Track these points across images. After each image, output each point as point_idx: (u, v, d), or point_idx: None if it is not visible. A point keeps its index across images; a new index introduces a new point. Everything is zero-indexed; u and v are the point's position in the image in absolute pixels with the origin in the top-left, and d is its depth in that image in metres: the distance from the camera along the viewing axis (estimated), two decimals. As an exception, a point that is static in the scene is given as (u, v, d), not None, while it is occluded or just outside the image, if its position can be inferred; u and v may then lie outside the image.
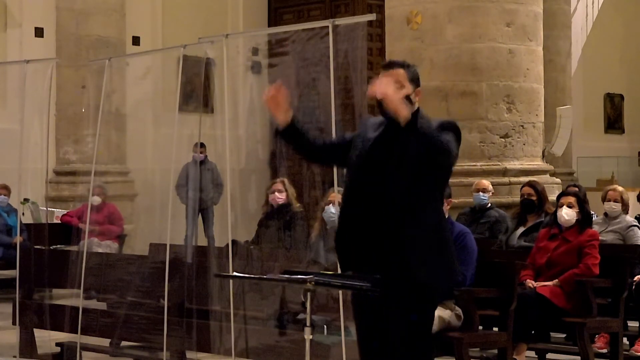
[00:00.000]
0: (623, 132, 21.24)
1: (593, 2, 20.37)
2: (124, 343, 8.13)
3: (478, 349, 7.78)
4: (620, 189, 9.26)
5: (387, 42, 11.08)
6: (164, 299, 7.25)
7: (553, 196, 9.66)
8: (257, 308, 7.07)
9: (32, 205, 13.17)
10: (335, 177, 6.34)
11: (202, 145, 12.67)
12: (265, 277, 4.73)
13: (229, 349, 6.79)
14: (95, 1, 14.67)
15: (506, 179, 10.53)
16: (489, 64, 10.52)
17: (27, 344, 8.32)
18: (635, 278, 8.09)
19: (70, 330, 7.96)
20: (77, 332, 7.82)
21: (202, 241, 12.69)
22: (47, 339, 8.36)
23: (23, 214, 12.21)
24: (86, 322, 7.79)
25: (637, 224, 8.97)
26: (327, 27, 6.20)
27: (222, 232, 9.79)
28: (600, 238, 7.97)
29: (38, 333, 8.41)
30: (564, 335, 8.36)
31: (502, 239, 9.11)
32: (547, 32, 13.04)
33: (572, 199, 7.79)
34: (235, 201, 7.79)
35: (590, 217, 7.95)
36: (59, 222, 12.86)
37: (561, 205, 7.78)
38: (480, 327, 7.11)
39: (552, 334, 8.27)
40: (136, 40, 15.76)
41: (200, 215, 13.03)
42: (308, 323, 4.38)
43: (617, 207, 9.02)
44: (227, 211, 7.57)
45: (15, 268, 8.51)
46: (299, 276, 4.39)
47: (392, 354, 4.61)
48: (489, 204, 9.95)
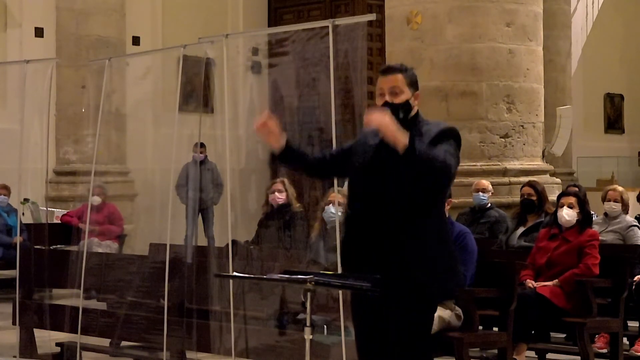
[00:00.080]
0: (623, 132, 21.24)
1: (593, 2, 20.36)
2: (124, 343, 8.13)
3: (478, 349, 7.78)
4: (620, 189, 9.26)
5: (387, 42, 11.07)
6: (164, 299, 7.25)
7: (553, 196, 9.65)
8: (257, 308, 7.06)
9: (32, 205, 13.17)
10: (335, 177, 6.35)
11: (202, 145, 12.67)
12: (265, 277, 4.72)
13: (229, 349, 6.78)
14: (95, 1, 14.67)
15: (506, 179, 10.53)
16: (489, 64, 10.52)
17: (27, 344, 8.31)
18: (635, 278, 8.09)
19: (70, 330, 7.96)
20: (77, 332, 7.82)
21: (202, 241, 12.69)
22: (47, 339, 8.36)
23: (23, 214, 12.21)
24: (86, 322, 7.79)
25: (637, 224, 8.97)
26: (327, 27, 6.19)
27: (222, 232, 9.79)
28: (600, 238, 7.97)
29: (38, 333, 8.41)
30: (564, 335, 8.36)
31: (502, 239, 9.11)
32: (547, 32, 13.04)
33: (573, 200, 7.79)
34: (235, 201, 7.78)
35: (590, 218, 7.94)
36: (59, 222, 12.86)
37: (562, 205, 7.78)
38: (480, 327, 7.11)
39: (552, 334, 8.27)
40: (136, 40, 15.76)
41: (200, 215, 13.02)
42: (308, 323, 4.38)
43: (617, 207, 9.02)
44: (227, 211, 7.56)
45: (15, 268, 8.51)
46: (299, 276, 4.39)
47: (392, 354, 4.61)
48: (489, 204, 9.95)
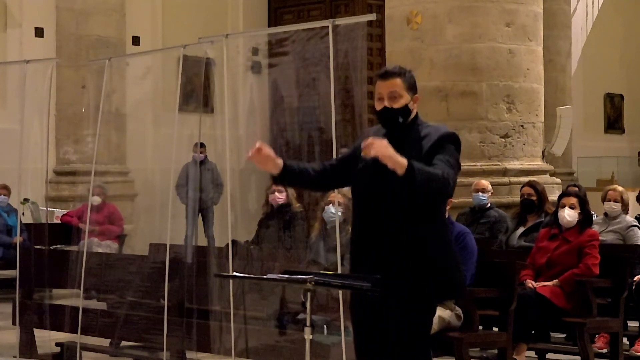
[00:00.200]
0: (623, 132, 21.23)
1: (593, 2, 20.36)
2: (124, 343, 8.13)
3: (478, 349, 7.78)
4: (620, 189, 9.26)
5: (387, 42, 11.07)
6: (164, 299, 7.25)
7: (553, 196, 9.65)
8: (257, 308, 7.07)
9: (32, 205, 13.17)
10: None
11: (202, 145, 12.67)
12: (265, 277, 4.72)
13: (229, 349, 6.78)
14: (95, 1, 14.67)
15: (506, 179, 10.52)
16: (489, 64, 10.52)
17: (27, 344, 8.31)
18: (635, 278, 8.09)
19: (70, 330, 7.96)
20: (77, 332, 7.82)
21: (202, 241, 12.69)
22: (47, 339, 8.36)
23: (23, 214, 12.21)
24: (86, 322, 7.79)
25: (637, 224, 8.97)
26: (327, 27, 6.19)
27: (222, 232, 9.79)
28: (600, 238, 7.97)
29: (38, 333, 8.41)
30: (564, 335, 8.37)
31: (502, 239, 9.11)
32: (547, 32, 13.04)
33: (574, 200, 7.78)
34: (235, 201, 7.78)
35: (591, 218, 7.94)
36: (59, 222, 12.86)
37: (563, 206, 7.78)
38: (480, 327, 7.11)
39: (552, 334, 8.27)
40: (136, 40, 15.76)
41: (200, 215, 13.02)
42: (308, 323, 4.38)
43: (617, 207, 9.02)
44: (227, 211, 7.56)
45: (15, 268, 8.51)
46: (299, 276, 4.39)
47: (392, 355, 4.61)
48: (489, 204, 9.94)
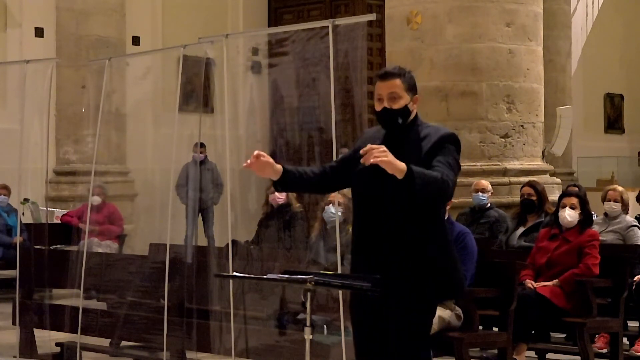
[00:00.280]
0: (623, 132, 21.24)
1: (593, 2, 20.36)
2: (124, 343, 8.13)
3: (478, 349, 7.78)
4: (620, 189, 9.26)
5: (387, 42, 11.07)
6: (164, 299, 7.25)
7: (553, 196, 9.65)
8: (257, 308, 7.07)
9: (32, 205, 13.17)
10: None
11: (202, 145, 12.66)
12: (265, 277, 4.72)
13: (229, 349, 6.78)
14: (95, 1, 14.67)
15: (506, 179, 10.52)
16: (489, 64, 10.51)
17: (27, 344, 8.31)
18: (635, 278, 8.09)
19: (70, 330, 7.96)
20: (77, 332, 7.82)
21: (202, 241, 12.68)
22: (47, 339, 8.36)
23: (23, 214, 12.21)
24: (86, 322, 7.79)
25: (637, 224, 8.97)
26: (327, 27, 6.19)
27: (222, 232, 9.79)
28: (600, 238, 7.97)
29: (38, 333, 8.41)
30: (564, 335, 8.37)
31: (502, 239, 9.11)
32: (547, 32, 13.04)
33: (575, 200, 7.78)
34: (235, 201, 7.78)
35: (591, 218, 7.94)
36: (59, 222, 12.86)
37: (563, 206, 7.77)
38: (480, 327, 7.11)
39: (552, 334, 8.27)
40: (136, 40, 15.76)
41: (200, 215, 13.02)
42: (308, 323, 4.38)
43: (617, 207, 9.02)
44: (227, 211, 7.56)
45: (15, 268, 8.51)
46: (299, 276, 4.39)
47: (391, 355, 4.61)
48: (489, 204, 9.94)
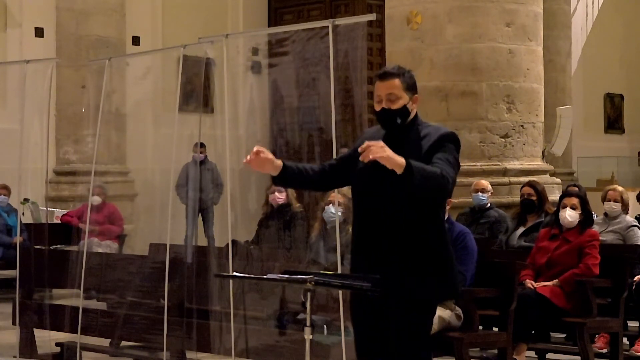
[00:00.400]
0: (623, 132, 21.24)
1: (593, 2, 20.37)
2: (124, 343, 8.13)
3: (478, 349, 7.78)
4: (620, 189, 9.26)
5: (387, 42, 11.07)
6: (164, 299, 7.25)
7: (553, 196, 9.65)
8: (257, 308, 7.07)
9: (32, 205, 13.17)
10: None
11: (202, 145, 12.66)
12: (265, 277, 4.72)
13: (229, 349, 6.78)
14: (95, 1, 14.68)
15: (506, 179, 10.52)
16: (489, 64, 10.52)
17: (27, 344, 8.31)
18: (635, 278, 8.09)
19: (70, 330, 7.96)
20: (77, 332, 7.82)
21: (202, 241, 12.68)
22: (47, 339, 8.36)
23: (23, 214, 12.21)
24: (86, 322, 7.79)
25: (637, 224, 8.96)
26: (327, 27, 6.19)
27: (222, 232, 9.78)
28: (600, 238, 7.97)
29: (38, 333, 8.41)
30: (564, 335, 8.37)
31: (502, 239, 9.11)
32: (547, 32, 13.04)
33: (576, 201, 7.78)
34: (235, 201, 7.78)
35: (591, 218, 7.94)
36: (59, 222, 12.86)
37: (564, 206, 7.77)
38: (480, 327, 7.11)
39: (552, 334, 8.27)
40: (136, 40, 15.76)
41: (200, 215, 13.02)
42: (308, 323, 4.38)
43: (617, 207, 9.01)
44: (227, 211, 7.56)
45: (15, 268, 8.51)
46: (299, 276, 4.39)
47: (392, 354, 4.61)
48: (489, 204, 9.94)
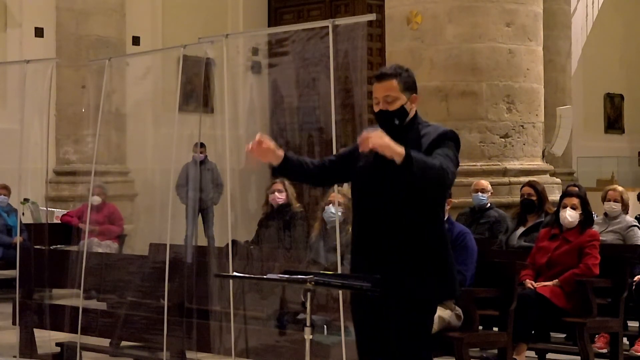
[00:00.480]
0: (623, 132, 21.24)
1: (593, 2, 20.37)
2: (124, 343, 8.13)
3: (478, 349, 7.78)
4: (620, 189, 9.26)
5: (387, 42, 11.07)
6: (164, 299, 7.25)
7: (553, 196, 9.65)
8: (257, 308, 7.07)
9: (32, 205, 13.17)
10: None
11: (202, 145, 12.66)
12: (265, 277, 4.72)
13: (229, 349, 6.78)
14: (95, 1, 14.68)
15: (506, 179, 10.52)
16: (489, 64, 10.52)
17: (27, 344, 8.31)
18: (635, 278, 8.09)
19: (70, 330, 7.96)
20: (77, 332, 7.82)
21: (202, 241, 12.68)
22: (47, 339, 8.36)
23: (23, 214, 12.21)
24: (86, 322, 7.79)
25: (637, 224, 8.96)
26: (327, 27, 6.19)
27: (222, 232, 9.79)
28: (600, 238, 7.97)
29: (38, 333, 8.41)
30: (564, 335, 8.37)
31: (502, 239, 9.11)
32: (547, 32, 13.04)
33: (576, 201, 7.78)
34: (235, 201, 7.78)
35: (592, 218, 7.94)
36: (59, 222, 12.86)
37: (564, 206, 7.77)
38: (480, 327, 7.11)
39: (552, 334, 8.27)
40: (136, 40, 15.76)
41: (200, 215, 13.02)
42: (308, 323, 4.38)
43: (617, 207, 9.01)
44: (227, 211, 7.56)
45: (15, 268, 8.52)
46: (299, 276, 4.39)
47: (393, 354, 4.61)
48: (489, 204, 9.94)
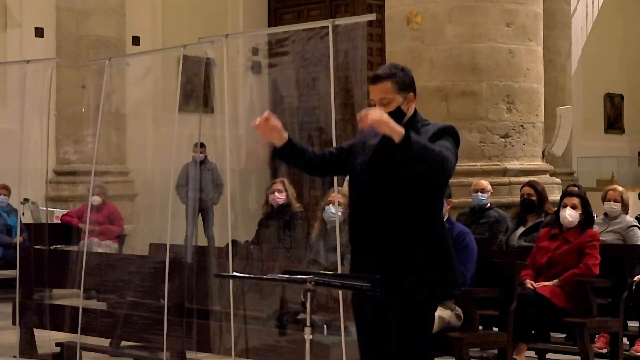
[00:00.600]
0: (623, 132, 21.24)
1: (593, 2, 20.37)
2: (124, 343, 8.13)
3: (478, 349, 7.78)
4: (620, 189, 9.26)
5: (387, 42, 11.07)
6: (164, 299, 7.25)
7: (553, 196, 9.65)
8: (257, 308, 7.07)
9: (32, 205, 13.17)
10: (335, 177, 6.35)
11: (202, 145, 12.66)
12: (265, 277, 4.72)
13: (229, 349, 6.78)
14: (95, 1, 14.68)
15: (506, 179, 10.52)
16: (489, 64, 10.51)
17: (27, 344, 8.31)
18: (635, 278, 8.09)
19: (70, 330, 7.96)
20: (77, 332, 7.82)
21: (202, 241, 12.69)
22: (47, 339, 8.36)
23: (23, 214, 12.21)
24: (86, 322, 7.79)
25: (637, 224, 8.96)
26: (327, 27, 6.19)
27: (222, 232, 9.80)
28: (600, 238, 7.97)
29: (38, 333, 8.41)
30: (564, 335, 8.37)
31: (502, 239, 9.11)
32: (547, 32, 13.04)
33: (577, 201, 7.78)
34: (235, 201, 7.78)
35: (592, 218, 7.94)
36: (59, 222, 12.86)
37: (565, 206, 7.77)
38: (480, 327, 7.11)
39: (552, 334, 8.27)
40: (136, 40, 15.77)
41: (200, 215, 13.02)
42: (308, 323, 4.38)
43: (617, 207, 9.01)
44: (227, 211, 7.56)
45: (15, 268, 8.51)
46: (299, 276, 4.39)
47: (393, 354, 4.61)
48: (488, 204, 9.94)
